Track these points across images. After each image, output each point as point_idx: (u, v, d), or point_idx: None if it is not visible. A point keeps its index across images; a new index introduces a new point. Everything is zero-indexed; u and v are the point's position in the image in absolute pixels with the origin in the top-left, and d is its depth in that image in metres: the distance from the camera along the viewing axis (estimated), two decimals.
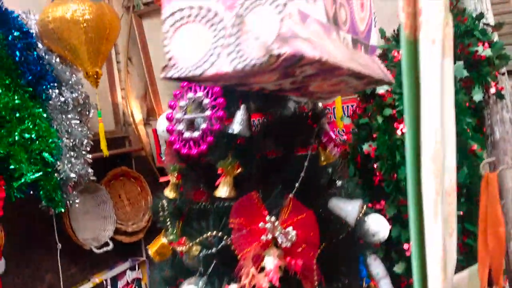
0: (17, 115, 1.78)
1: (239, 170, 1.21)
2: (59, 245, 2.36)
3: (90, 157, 2.15)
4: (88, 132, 2.16)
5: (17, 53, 1.80)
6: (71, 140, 2.04)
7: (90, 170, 2.15)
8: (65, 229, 2.43)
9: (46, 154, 1.85)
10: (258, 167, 1.24)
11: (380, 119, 1.64)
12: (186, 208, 1.36)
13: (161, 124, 1.38)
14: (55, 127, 1.95)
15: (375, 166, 1.67)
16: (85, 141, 2.12)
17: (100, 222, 2.68)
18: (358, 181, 1.73)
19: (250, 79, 0.70)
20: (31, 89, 1.86)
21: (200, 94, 1.27)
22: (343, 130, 2.23)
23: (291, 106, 1.35)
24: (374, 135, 1.68)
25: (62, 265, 2.46)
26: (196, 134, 1.25)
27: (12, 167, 1.76)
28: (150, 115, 3.17)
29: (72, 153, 2.04)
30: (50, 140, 1.88)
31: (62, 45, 1.93)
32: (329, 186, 1.39)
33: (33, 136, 1.81)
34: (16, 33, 1.83)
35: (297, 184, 1.18)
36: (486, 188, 0.98)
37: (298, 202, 1.17)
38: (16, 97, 1.78)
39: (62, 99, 2.02)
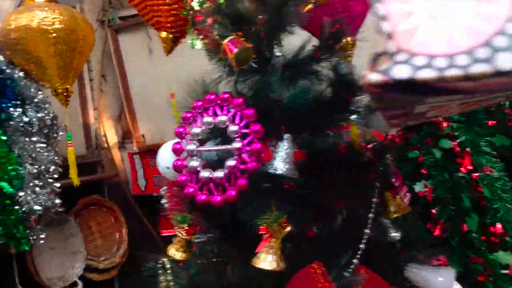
0: None
1: (288, 229, 0.85)
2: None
3: (58, 185, 1.87)
4: (56, 157, 1.89)
5: None
6: (36, 167, 1.76)
7: (57, 201, 1.87)
8: (27, 267, 2.11)
9: (4, 184, 1.57)
10: (313, 224, 0.93)
11: (438, 153, 1.40)
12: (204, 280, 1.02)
13: (164, 158, 1.07)
14: (16, 152, 1.68)
15: (433, 211, 1.39)
16: (52, 167, 1.84)
17: (68, 258, 2.36)
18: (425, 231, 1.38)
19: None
20: None
21: (223, 118, 0.92)
22: None
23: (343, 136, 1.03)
24: (424, 171, 1.41)
25: None
26: (219, 174, 0.88)
27: None
28: (125, 138, 2.91)
29: (36, 181, 1.75)
30: (10, 168, 1.60)
31: (27, 57, 1.68)
32: (405, 247, 1.02)
33: None
34: None
35: (362, 246, 0.88)
36: None
37: (376, 276, 0.87)
38: None
39: (26, 119, 1.75)
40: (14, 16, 1.66)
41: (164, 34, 1.56)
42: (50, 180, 1.84)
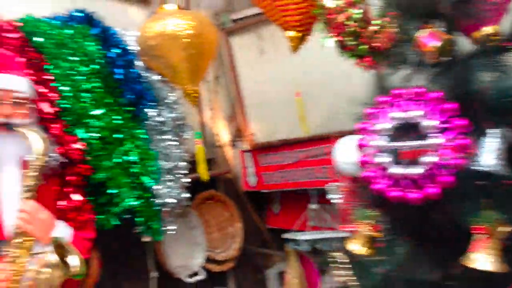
0: (118, 136, 1.68)
1: (505, 229, 0.79)
2: (154, 273, 2.24)
3: (187, 181, 2.01)
4: (185, 155, 2.03)
5: (118, 71, 1.72)
6: (168, 163, 1.91)
7: (186, 195, 2.01)
8: (158, 256, 2.31)
9: (146, 178, 1.73)
10: None
11: None
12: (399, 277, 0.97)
13: (346, 155, 1.07)
14: (153, 149, 1.84)
15: None
16: (182, 163, 1.98)
17: (191, 249, 2.53)
18: None
19: None
20: (131, 108, 1.76)
21: (417, 113, 0.87)
22: None
23: None
24: None
25: None
26: (418, 170, 0.84)
27: (111, 191, 1.65)
28: (237, 136, 3.02)
29: (169, 176, 1.90)
30: (150, 163, 1.76)
31: (162, 62, 1.82)
32: None
33: (133, 158, 1.70)
34: (116, 50, 1.75)
35: None
36: None
37: None
38: (117, 117, 1.69)
39: (160, 119, 1.91)
40: (150, 24, 1.81)
41: (291, 33, 1.57)
42: (180, 176, 1.99)
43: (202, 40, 1.81)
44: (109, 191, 1.62)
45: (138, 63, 1.85)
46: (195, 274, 2.47)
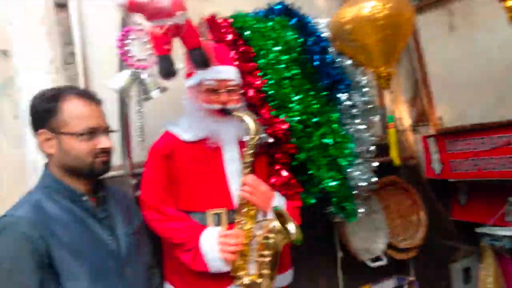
0: (315, 120, 1.76)
1: None
2: (340, 253, 2.31)
3: (375, 164, 2.00)
4: (373, 138, 2.01)
5: (315, 57, 1.79)
6: (359, 146, 1.92)
7: (375, 179, 2.00)
8: (341, 237, 2.37)
9: (342, 161, 1.78)
10: None
11: None
12: None
13: None
14: (347, 132, 1.87)
15: None
16: (371, 147, 1.97)
17: (372, 233, 2.51)
18: None
19: None
20: (327, 93, 1.83)
21: None
22: None
23: None
24: None
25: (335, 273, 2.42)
26: None
27: (310, 172, 1.75)
28: (419, 120, 2.85)
29: (360, 160, 1.92)
30: (345, 146, 1.80)
31: (355, 45, 1.83)
32: None
33: (330, 141, 1.76)
34: (312, 38, 1.83)
35: None
36: None
37: None
38: (314, 102, 1.77)
39: (350, 103, 1.93)
40: (345, 9, 1.83)
41: (510, 2, 1.40)
42: (370, 159, 1.98)
43: (398, 20, 1.75)
44: (309, 172, 1.72)
45: (331, 49, 1.90)
46: (378, 258, 2.45)
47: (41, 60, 1.84)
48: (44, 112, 1.20)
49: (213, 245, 1.47)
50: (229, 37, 1.74)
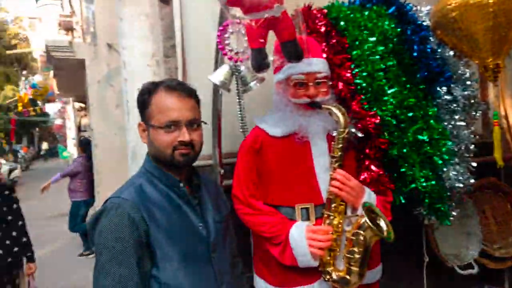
0: (410, 114, 1.67)
1: None
2: (426, 258, 2.19)
3: (473, 164, 1.84)
4: (473, 136, 1.86)
5: (415, 47, 1.69)
6: (457, 144, 1.79)
7: (472, 180, 1.85)
8: (429, 241, 2.24)
9: (437, 159, 1.67)
10: None
11: None
12: None
13: None
14: (445, 128, 1.75)
15: None
16: (471, 146, 1.82)
17: (463, 238, 2.35)
18: None
19: None
20: (425, 86, 1.72)
21: None
22: None
23: None
24: None
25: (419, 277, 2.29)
26: None
27: (402, 170, 1.67)
28: None
29: (456, 159, 1.78)
30: (442, 143, 1.68)
31: (460, 35, 1.69)
32: None
33: (425, 138, 1.66)
34: (412, 27, 1.72)
35: None
36: None
37: None
38: (410, 96, 1.68)
39: (449, 97, 1.79)
40: None
41: None
42: (468, 159, 1.84)
43: None
44: (401, 169, 1.64)
45: (432, 39, 1.77)
46: (468, 266, 2.28)
47: (144, 53, 1.96)
48: (141, 105, 1.29)
49: (301, 240, 1.47)
50: (323, 28, 1.70)
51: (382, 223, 1.40)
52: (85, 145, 6.09)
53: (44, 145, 31.89)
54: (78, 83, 6.69)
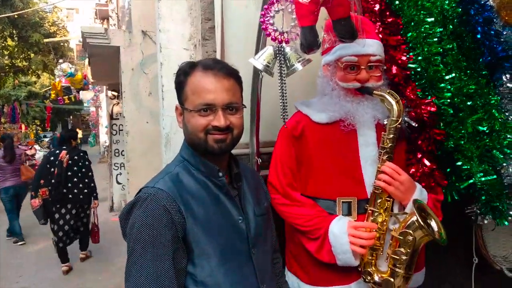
0: (470, 103, 1.52)
1: None
2: (476, 259, 2.04)
3: None
4: None
5: (478, 29, 1.53)
6: None
7: None
8: (476, 241, 2.09)
9: (497, 153, 1.52)
10: None
11: None
12: None
13: None
14: (508, 120, 1.59)
15: None
16: None
17: None
18: None
19: None
20: (487, 72, 1.57)
21: None
22: None
23: None
24: None
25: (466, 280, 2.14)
26: None
27: (458, 164, 1.53)
28: None
29: None
30: (503, 136, 1.53)
31: None
32: None
33: (485, 129, 1.51)
34: (475, 7, 1.56)
35: None
36: None
37: None
38: (471, 82, 1.53)
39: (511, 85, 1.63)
40: None
41: None
42: None
43: None
44: (457, 163, 1.50)
45: (496, 21, 1.61)
46: None
47: (181, 35, 1.89)
48: (177, 87, 1.19)
49: (342, 236, 1.37)
50: (377, 6, 1.57)
51: (433, 224, 1.28)
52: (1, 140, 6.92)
53: (79, 133, 32.78)
54: (113, 71, 6.77)
